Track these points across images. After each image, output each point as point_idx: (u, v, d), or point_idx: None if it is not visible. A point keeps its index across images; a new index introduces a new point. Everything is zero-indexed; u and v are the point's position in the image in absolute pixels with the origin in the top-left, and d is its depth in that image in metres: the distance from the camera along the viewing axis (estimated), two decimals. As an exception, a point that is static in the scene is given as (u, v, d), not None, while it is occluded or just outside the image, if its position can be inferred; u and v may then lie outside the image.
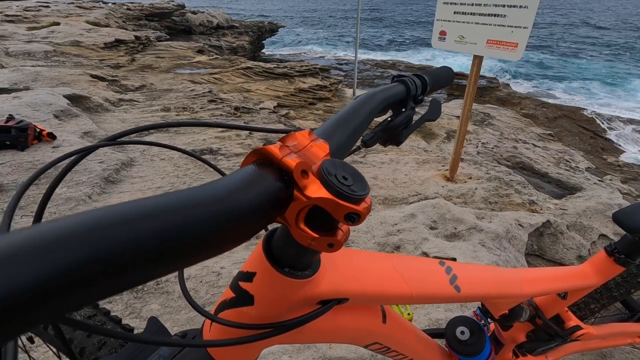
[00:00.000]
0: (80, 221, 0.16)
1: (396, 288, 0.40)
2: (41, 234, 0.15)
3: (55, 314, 0.15)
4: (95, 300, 0.16)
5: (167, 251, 0.18)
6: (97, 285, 0.16)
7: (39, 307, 0.14)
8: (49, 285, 0.14)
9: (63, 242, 0.15)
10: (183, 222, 0.18)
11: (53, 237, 0.15)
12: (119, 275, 0.16)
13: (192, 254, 0.19)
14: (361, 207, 0.25)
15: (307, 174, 0.25)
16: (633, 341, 1.01)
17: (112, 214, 0.17)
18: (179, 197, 0.19)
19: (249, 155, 0.26)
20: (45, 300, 0.14)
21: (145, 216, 0.17)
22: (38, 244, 0.14)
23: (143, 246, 0.17)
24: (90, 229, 0.16)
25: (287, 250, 0.31)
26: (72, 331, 0.53)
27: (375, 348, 0.51)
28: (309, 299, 0.34)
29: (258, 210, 0.23)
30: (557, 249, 1.98)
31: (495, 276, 0.56)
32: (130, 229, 0.17)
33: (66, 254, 0.15)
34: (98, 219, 0.16)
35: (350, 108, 0.38)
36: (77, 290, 0.15)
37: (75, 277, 0.15)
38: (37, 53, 4.99)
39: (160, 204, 0.18)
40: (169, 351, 0.45)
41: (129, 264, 0.16)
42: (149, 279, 0.18)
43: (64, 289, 0.14)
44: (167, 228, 0.18)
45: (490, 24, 2.01)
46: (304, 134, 0.29)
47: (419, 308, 1.43)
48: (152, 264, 0.17)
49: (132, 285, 0.17)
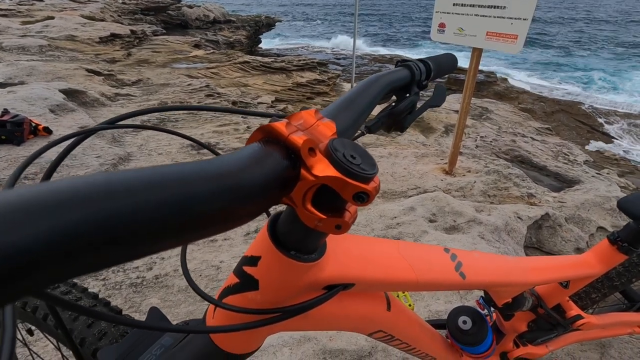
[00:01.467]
0: (83, 184, 0.15)
1: (402, 274, 0.40)
2: (43, 192, 0.14)
3: (51, 279, 0.14)
4: (92, 268, 0.16)
5: (171, 223, 0.17)
6: (96, 252, 0.15)
7: (34, 271, 0.13)
8: (43, 246, 0.13)
9: (62, 203, 0.14)
10: (188, 194, 0.18)
11: (53, 197, 0.14)
12: (120, 244, 0.16)
13: (195, 229, 0.19)
14: (370, 186, 0.24)
15: (315, 152, 0.25)
16: (633, 331, 1.01)
17: (116, 180, 0.16)
18: (184, 168, 0.19)
19: (254, 132, 0.25)
20: (39, 264, 0.13)
21: (149, 185, 0.17)
22: (36, 204, 0.14)
23: (146, 216, 0.16)
24: (92, 192, 0.15)
25: (293, 233, 0.30)
26: (72, 322, 0.53)
27: (379, 336, 0.51)
28: (315, 283, 0.34)
29: (264, 188, 0.22)
30: (556, 241, 1.98)
31: (499, 264, 0.56)
32: (134, 198, 0.16)
33: (64, 216, 0.14)
34: (101, 184, 0.16)
35: (355, 90, 0.38)
36: (73, 255, 0.14)
37: (71, 241, 0.14)
38: (32, 47, 4.93)
39: (166, 174, 0.18)
40: (170, 340, 0.44)
41: (130, 234, 0.16)
42: (149, 252, 0.17)
43: (60, 252, 0.14)
44: (172, 198, 0.17)
45: (489, 16, 2.00)
46: (310, 112, 0.28)
47: (419, 300, 1.43)
48: (154, 235, 0.17)
49: (131, 256, 0.17)
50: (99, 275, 1.50)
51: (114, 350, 0.45)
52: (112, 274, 1.50)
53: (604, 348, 1.29)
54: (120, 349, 0.45)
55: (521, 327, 0.83)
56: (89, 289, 0.60)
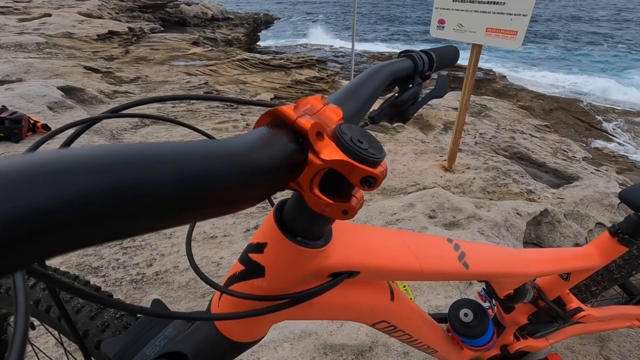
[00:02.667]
0: (98, 152, 0.15)
1: (407, 263, 0.40)
2: (55, 159, 0.14)
3: (59, 247, 0.14)
4: (98, 239, 0.15)
5: (179, 198, 0.17)
6: (104, 222, 0.15)
7: (42, 238, 0.13)
8: (51, 213, 0.13)
9: (72, 170, 0.14)
10: (199, 171, 0.18)
11: (64, 164, 0.14)
12: (127, 216, 0.15)
13: (203, 206, 0.19)
14: (378, 170, 0.25)
15: (322, 136, 0.25)
16: (632, 324, 1.02)
17: (129, 151, 0.16)
18: (195, 145, 0.19)
19: (261, 116, 0.25)
20: (47, 230, 0.13)
21: (160, 159, 0.17)
22: (48, 169, 0.14)
23: (155, 189, 0.16)
24: (105, 161, 0.15)
25: (300, 219, 0.30)
26: (75, 313, 0.53)
27: (382, 327, 0.51)
28: (321, 270, 0.34)
29: (272, 170, 0.22)
30: (555, 237, 1.99)
31: (502, 255, 0.56)
32: (145, 170, 0.16)
33: (72, 183, 0.14)
34: (116, 154, 0.16)
35: (359, 79, 0.38)
36: (83, 223, 0.14)
37: (80, 209, 0.14)
38: (29, 45, 4.90)
39: (178, 149, 0.18)
40: (174, 332, 0.44)
41: (138, 206, 0.16)
42: (153, 227, 0.17)
43: (65, 220, 0.13)
44: (182, 173, 0.17)
45: (489, 12, 1.99)
46: (317, 98, 0.28)
47: (419, 295, 1.44)
48: (161, 210, 0.17)
49: (136, 230, 0.17)
50: (99, 272, 1.50)
51: (118, 341, 0.45)
52: (112, 271, 1.50)
53: (603, 342, 1.30)
54: (124, 340, 0.45)
55: (522, 320, 0.83)
56: (91, 284, 0.60)
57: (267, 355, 1.15)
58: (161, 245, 1.66)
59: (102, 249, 1.61)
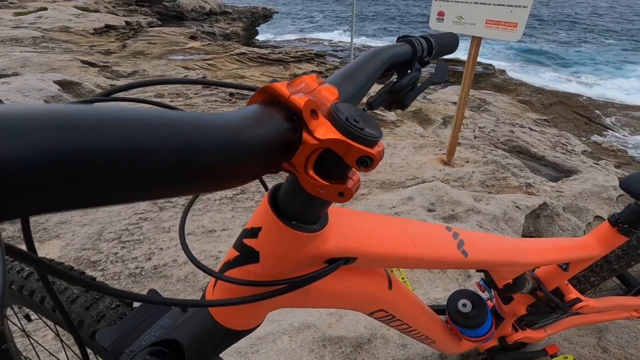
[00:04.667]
0: (95, 111, 0.15)
1: (404, 250, 0.39)
2: (54, 111, 0.14)
3: (43, 199, 0.13)
4: (91, 201, 0.15)
5: (173, 166, 0.17)
6: (94, 182, 0.14)
7: (15, 192, 0.12)
8: (29, 164, 0.13)
9: (66, 124, 0.14)
10: (193, 140, 0.17)
11: (60, 117, 0.14)
12: (116, 179, 0.15)
13: (194, 179, 0.18)
14: (375, 150, 0.24)
15: (317, 114, 0.24)
16: (630, 315, 1.02)
17: (124, 112, 0.16)
18: (191, 116, 0.18)
19: (254, 94, 0.24)
20: (26, 181, 0.12)
21: (157, 124, 0.16)
22: (51, 117, 0.13)
23: (149, 154, 0.16)
24: (99, 119, 0.15)
25: (295, 201, 0.29)
26: (70, 304, 0.52)
27: (379, 316, 0.50)
28: (316, 256, 0.33)
29: (265, 148, 0.21)
30: (553, 230, 1.99)
31: (501, 244, 0.56)
32: (140, 132, 0.16)
33: (67, 137, 0.13)
34: (108, 113, 0.15)
35: (357, 62, 0.37)
36: (61, 180, 0.13)
37: (70, 165, 0.13)
38: (25, 39, 4.85)
39: (174, 117, 0.17)
40: (169, 322, 0.44)
41: (128, 170, 0.15)
42: (146, 196, 0.17)
43: (43, 173, 0.13)
44: (177, 141, 0.17)
45: (489, 4, 1.97)
46: (312, 77, 0.27)
47: (417, 288, 1.44)
48: (153, 177, 0.16)
49: (124, 196, 0.16)
50: (97, 266, 1.50)
51: (113, 331, 0.45)
52: (110, 265, 1.50)
53: (601, 333, 1.30)
54: (119, 330, 0.45)
55: (520, 311, 0.83)
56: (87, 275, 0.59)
57: (266, 348, 1.15)
58: (160, 239, 1.66)
59: (100, 243, 1.61)
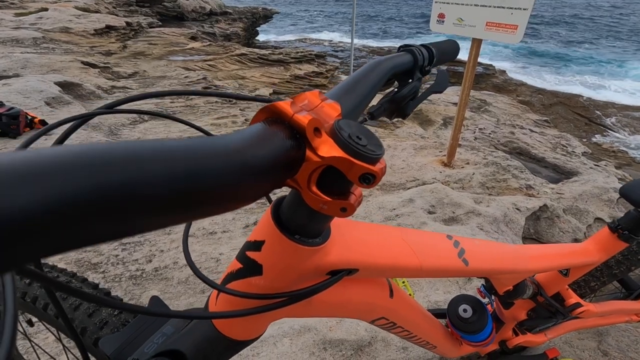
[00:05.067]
0: (85, 151, 0.15)
1: (406, 260, 0.40)
2: (45, 156, 0.14)
3: (45, 249, 0.14)
4: (90, 241, 0.15)
5: (174, 196, 0.17)
6: (98, 222, 0.14)
7: (24, 241, 0.13)
8: (31, 215, 0.13)
9: (60, 169, 0.13)
10: (193, 168, 0.17)
11: (49, 162, 0.13)
12: (121, 215, 0.15)
13: (198, 205, 0.18)
14: (377, 167, 0.24)
15: (320, 132, 0.24)
16: (630, 319, 1.02)
17: (121, 149, 0.16)
18: (190, 143, 0.18)
19: (257, 113, 0.24)
20: (33, 230, 0.13)
21: (155, 156, 0.16)
22: (35, 167, 0.13)
23: (150, 187, 0.16)
24: (95, 160, 0.14)
25: (298, 216, 0.29)
26: (73, 311, 0.52)
27: (381, 324, 0.51)
28: (319, 268, 0.33)
29: (269, 168, 0.21)
30: (554, 232, 1.99)
31: (501, 251, 0.56)
32: (138, 168, 0.15)
33: (61, 182, 0.13)
34: (106, 152, 0.15)
35: (358, 73, 0.37)
36: (70, 224, 0.13)
37: (71, 208, 0.13)
38: (26, 40, 4.85)
39: (172, 146, 0.17)
40: (172, 329, 0.44)
41: (131, 205, 0.15)
42: (149, 226, 0.17)
43: (55, 220, 0.13)
44: (176, 171, 0.17)
45: (489, 6, 1.98)
46: (315, 93, 0.27)
47: (418, 291, 1.44)
48: (156, 208, 0.16)
49: (131, 229, 0.16)
50: (98, 268, 1.50)
51: (116, 338, 0.45)
52: (111, 267, 1.50)
53: (602, 336, 1.30)
54: (122, 337, 0.45)
55: (521, 316, 0.83)
56: (89, 280, 0.60)
57: (267, 351, 1.15)
58: (160, 241, 1.66)
59: (101, 245, 1.61)
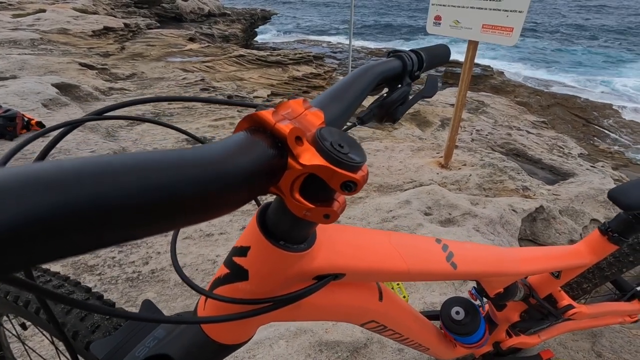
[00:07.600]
0: (68, 166, 0.15)
1: (393, 264, 0.40)
2: (25, 173, 0.14)
3: (26, 260, 0.14)
4: (75, 251, 0.15)
5: (153, 209, 0.17)
6: (79, 235, 0.15)
7: (10, 249, 0.13)
8: (18, 227, 0.13)
9: (38, 185, 0.14)
10: (172, 180, 0.18)
11: (24, 180, 0.14)
12: (100, 228, 0.15)
13: (178, 217, 0.19)
14: (358, 175, 0.24)
15: (302, 140, 0.24)
16: (623, 320, 1.02)
17: (98, 163, 0.16)
18: (169, 155, 0.19)
19: (240, 121, 0.25)
20: (14, 243, 0.13)
21: (131, 170, 0.17)
22: (13, 184, 0.14)
23: (129, 200, 0.16)
24: (73, 175, 0.15)
25: (282, 223, 0.30)
26: (65, 315, 0.53)
27: (371, 327, 0.51)
28: (305, 273, 0.34)
29: (250, 176, 0.22)
30: (550, 233, 2.00)
31: (491, 254, 0.56)
32: (115, 181, 0.16)
33: (40, 197, 0.14)
34: (80, 167, 0.15)
35: (345, 80, 0.37)
36: (49, 237, 0.14)
37: (48, 223, 0.14)
38: (24, 41, 4.85)
39: (149, 160, 0.18)
40: (164, 333, 0.44)
41: (110, 219, 0.16)
42: (135, 236, 0.17)
43: (34, 234, 0.14)
44: (154, 185, 0.17)
45: (485, 8, 1.99)
46: (298, 102, 0.28)
47: (414, 292, 1.44)
48: (137, 219, 0.17)
49: (112, 241, 0.17)
50: (94, 270, 1.50)
51: (108, 342, 0.45)
52: (108, 269, 1.50)
53: (595, 337, 1.31)
54: (114, 341, 0.45)
55: (513, 317, 0.84)
56: (84, 283, 0.60)
57: (263, 353, 1.15)
58: (157, 243, 1.66)
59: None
